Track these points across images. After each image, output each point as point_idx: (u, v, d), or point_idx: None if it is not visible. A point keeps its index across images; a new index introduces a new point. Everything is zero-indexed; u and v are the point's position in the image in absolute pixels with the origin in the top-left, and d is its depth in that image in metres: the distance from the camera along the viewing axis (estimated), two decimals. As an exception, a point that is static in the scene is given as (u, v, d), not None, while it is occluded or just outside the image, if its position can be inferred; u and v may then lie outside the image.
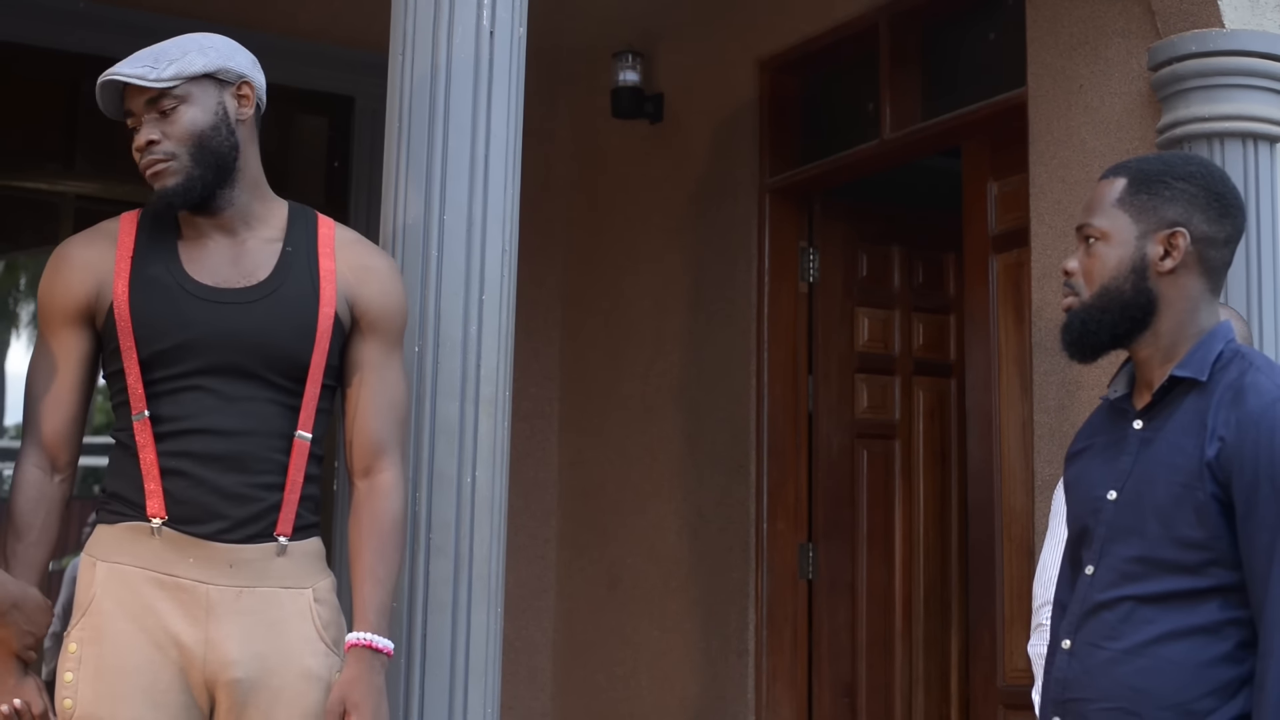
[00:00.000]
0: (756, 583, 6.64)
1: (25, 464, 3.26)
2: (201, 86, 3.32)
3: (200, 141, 3.30)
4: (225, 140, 3.34)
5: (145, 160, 3.30)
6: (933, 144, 6.35)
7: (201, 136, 3.30)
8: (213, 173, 3.32)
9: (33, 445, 3.27)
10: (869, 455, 6.88)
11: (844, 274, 6.92)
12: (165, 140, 3.29)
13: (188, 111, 3.30)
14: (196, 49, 3.33)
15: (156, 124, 3.30)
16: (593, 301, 7.77)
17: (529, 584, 7.61)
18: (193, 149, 3.30)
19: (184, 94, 3.30)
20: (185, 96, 3.30)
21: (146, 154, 3.29)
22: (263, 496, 3.25)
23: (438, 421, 3.63)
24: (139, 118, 3.31)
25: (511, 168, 3.77)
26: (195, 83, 3.31)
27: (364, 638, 3.27)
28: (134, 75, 3.26)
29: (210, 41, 3.37)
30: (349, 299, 3.39)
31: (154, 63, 3.28)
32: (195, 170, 3.29)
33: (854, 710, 6.72)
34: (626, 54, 7.33)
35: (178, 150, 3.29)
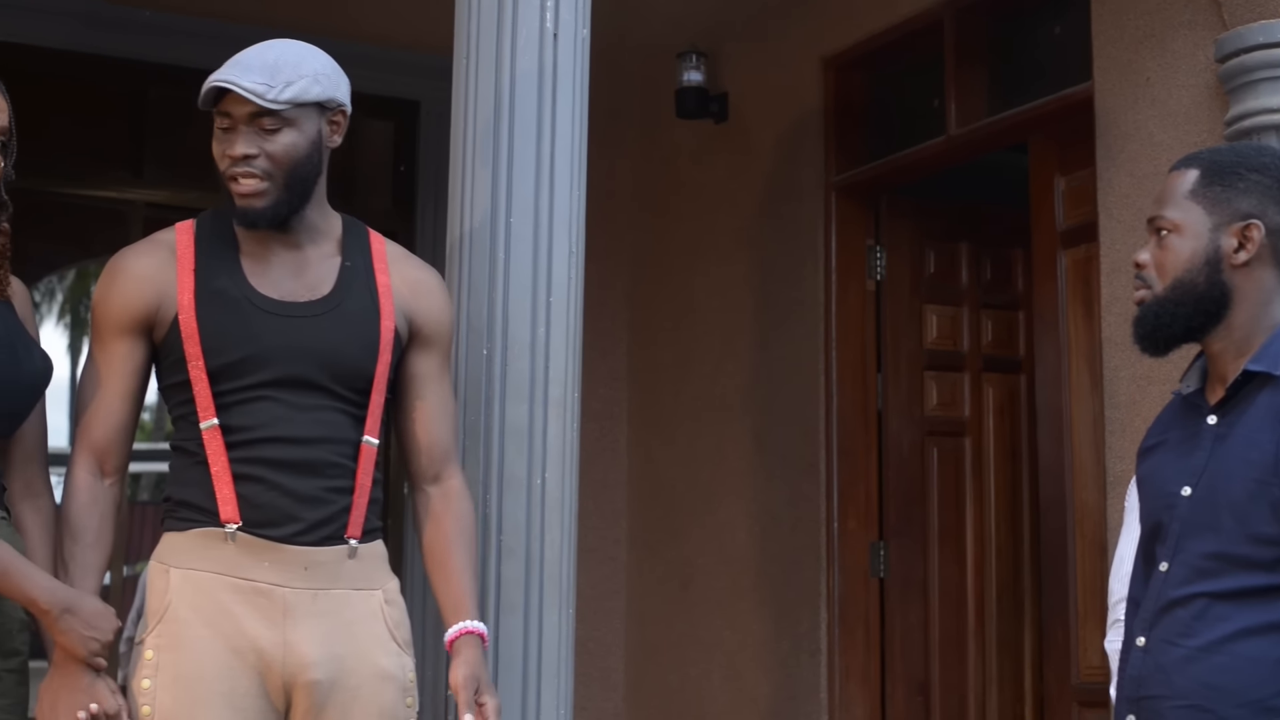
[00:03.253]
0: (828, 582, 6.62)
1: (77, 470, 3.28)
2: (307, 112, 3.31)
3: (294, 167, 3.30)
4: (315, 166, 3.35)
5: (237, 171, 3.28)
6: (999, 140, 6.32)
7: (297, 162, 3.30)
8: (298, 197, 3.33)
9: (84, 451, 3.29)
10: (939, 453, 6.85)
11: (911, 271, 6.89)
12: (262, 158, 3.27)
13: (290, 135, 3.29)
14: (312, 75, 3.31)
15: (255, 139, 3.28)
16: (660, 302, 7.76)
17: (600, 585, 7.61)
18: (286, 173, 3.30)
19: (292, 117, 3.28)
20: (292, 120, 3.29)
21: (239, 165, 3.27)
22: (334, 500, 3.27)
23: (507, 424, 3.64)
24: (236, 124, 3.28)
25: (577, 169, 3.77)
26: (303, 108, 3.30)
27: (476, 626, 3.35)
28: (252, 91, 3.23)
29: (322, 66, 3.35)
30: (406, 313, 3.42)
31: (271, 79, 3.25)
32: (284, 195, 3.30)
33: (928, 708, 6.69)
34: (690, 54, 7.33)
35: (273, 171, 3.28)
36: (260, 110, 3.25)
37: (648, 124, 7.85)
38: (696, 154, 7.57)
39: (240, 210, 3.30)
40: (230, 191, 3.31)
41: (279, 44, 3.35)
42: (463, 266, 3.73)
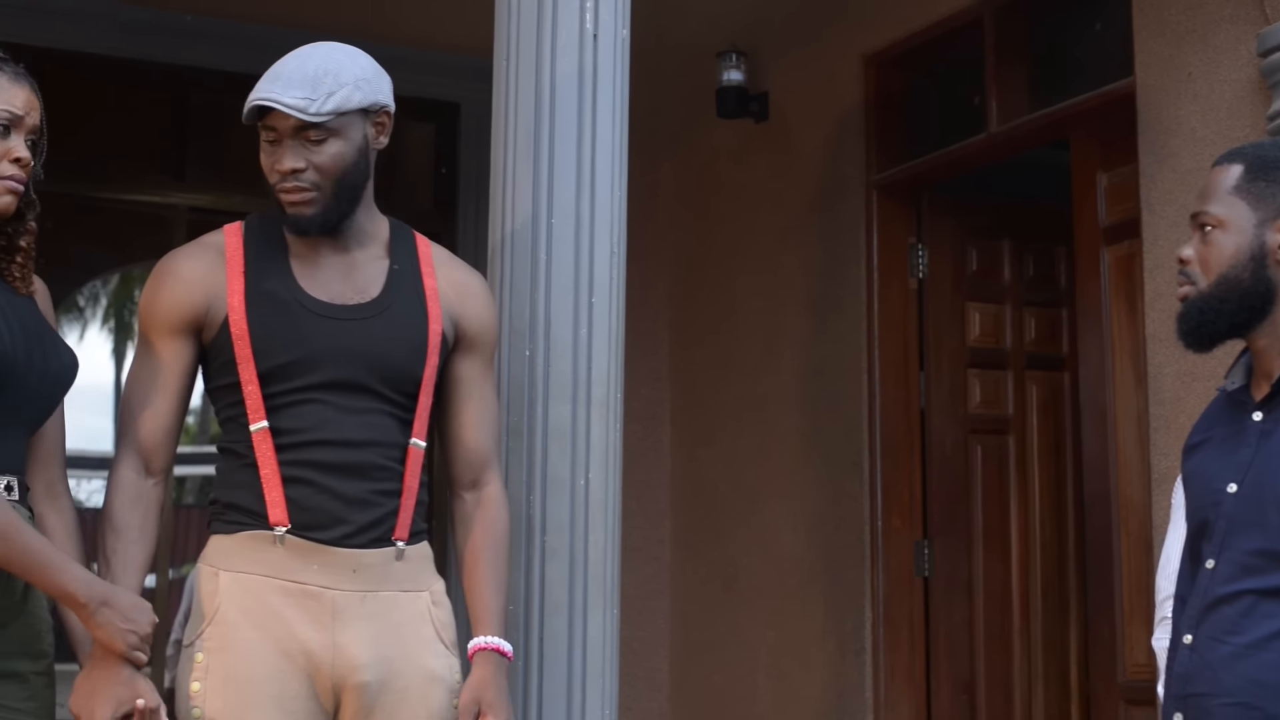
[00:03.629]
0: (872, 581, 6.62)
1: (121, 468, 3.28)
2: (351, 120, 3.31)
3: (342, 175, 3.30)
4: (363, 171, 3.35)
5: (286, 186, 3.28)
6: (1040, 136, 6.31)
7: (345, 170, 3.30)
8: (347, 204, 3.34)
9: (129, 451, 3.29)
10: (983, 450, 6.84)
11: (954, 269, 6.88)
12: (310, 170, 3.28)
13: (336, 145, 3.29)
14: (353, 82, 3.30)
15: (302, 151, 3.28)
16: (702, 302, 7.76)
17: (644, 585, 7.62)
18: (335, 182, 3.30)
19: (336, 127, 3.28)
20: (337, 130, 3.28)
21: (289, 180, 3.28)
22: (382, 502, 3.28)
23: (550, 424, 3.64)
24: (282, 139, 3.28)
25: (618, 170, 3.77)
26: (347, 116, 3.30)
27: (490, 642, 3.34)
28: (294, 107, 3.23)
29: (362, 70, 3.34)
30: (452, 316, 3.43)
31: (313, 91, 3.25)
32: (333, 203, 3.30)
33: (973, 707, 6.68)
34: (730, 53, 7.32)
35: (321, 182, 3.29)
36: (304, 124, 3.25)
37: (688, 124, 7.85)
38: (737, 153, 7.57)
39: (291, 219, 3.31)
40: (280, 201, 3.32)
41: (318, 52, 3.35)
42: (504, 268, 3.73)
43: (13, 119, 3.07)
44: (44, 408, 3.15)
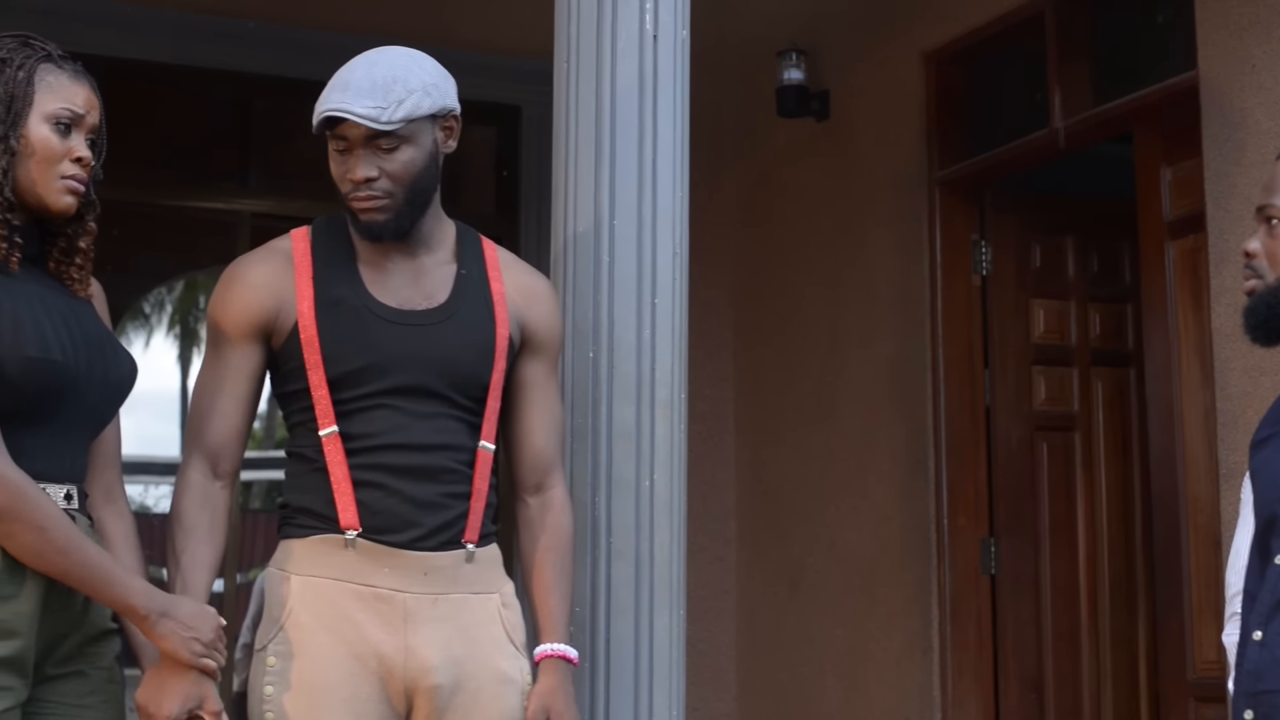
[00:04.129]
0: (939, 579, 6.60)
1: (190, 471, 3.29)
2: (421, 126, 3.31)
3: (414, 182, 3.31)
4: (433, 176, 3.36)
5: (360, 194, 3.29)
6: (1103, 131, 6.28)
7: (416, 177, 3.31)
8: (418, 209, 3.35)
9: (198, 454, 3.31)
10: (1049, 448, 6.81)
11: (1017, 266, 6.85)
12: (382, 178, 3.28)
13: (408, 151, 3.30)
14: (421, 88, 3.30)
15: (374, 160, 3.28)
16: (765, 301, 7.75)
17: (710, 585, 7.61)
18: (407, 189, 3.31)
19: (407, 134, 3.29)
20: (408, 136, 3.29)
21: (362, 189, 3.28)
22: (452, 505, 3.29)
23: (614, 426, 3.65)
24: (353, 148, 3.29)
25: (679, 170, 3.77)
26: (417, 122, 3.30)
27: (557, 649, 3.36)
28: (366, 116, 3.23)
29: (430, 75, 3.34)
30: (519, 320, 3.43)
31: (384, 100, 3.25)
32: (405, 209, 3.31)
33: (1041, 705, 6.65)
34: (790, 52, 7.31)
35: (394, 190, 3.29)
36: (376, 132, 3.26)
37: (749, 123, 7.84)
38: (798, 153, 7.55)
39: (364, 226, 3.32)
40: (351, 209, 3.33)
41: (384, 58, 3.34)
42: (567, 270, 3.73)
43: (74, 118, 3.07)
44: (104, 415, 3.16)
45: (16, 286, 2.98)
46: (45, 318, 2.98)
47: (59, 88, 3.07)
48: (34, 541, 2.86)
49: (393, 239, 3.34)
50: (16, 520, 2.84)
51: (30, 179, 3.03)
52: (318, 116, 3.28)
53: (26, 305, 2.97)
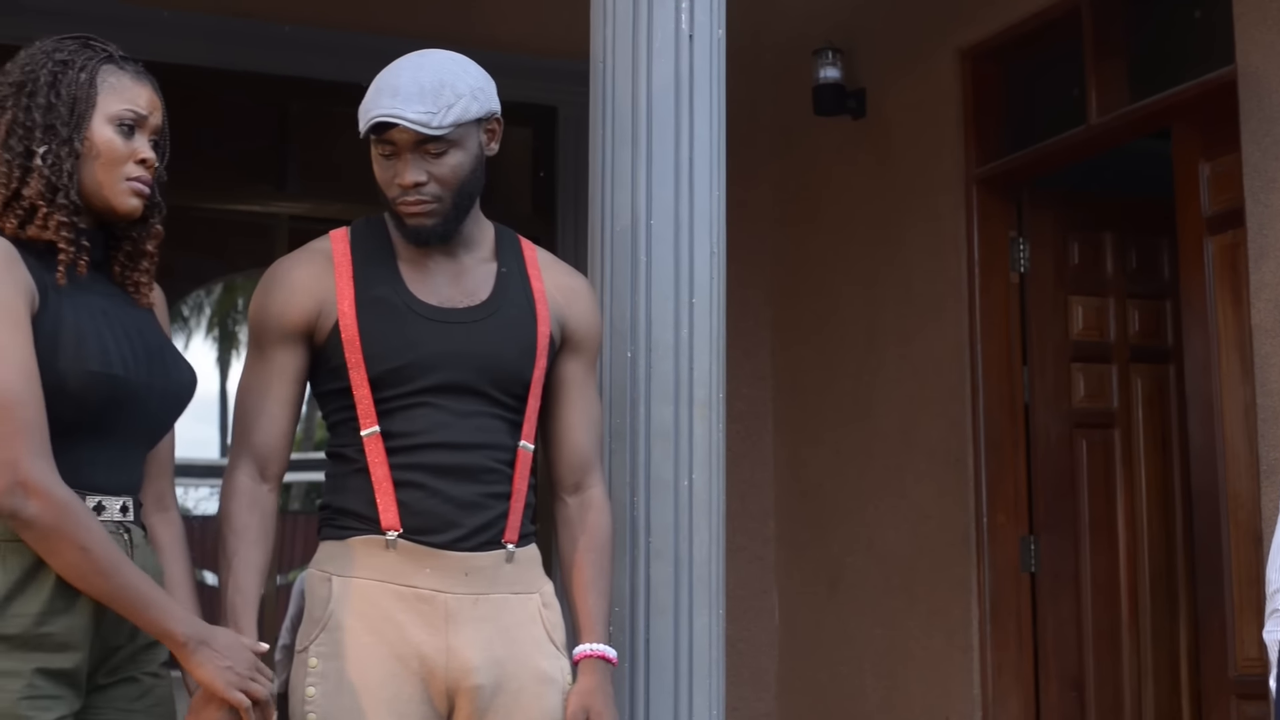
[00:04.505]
0: (978, 577, 6.58)
1: (237, 474, 3.30)
2: (468, 130, 3.32)
3: (461, 185, 3.33)
4: (479, 179, 3.38)
5: (408, 199, 3.30)
6: (1141, 127, 6.26)
7: (464, 180, 3.33)
8: (465, 211, 3.36)
9: (244, 457, 3.31)
10: (1088, 445, 6.79)
11: (1055, 262, 6.83)
12: (431, 182, 3.29)
13: (456, 156, 3.31)
14: (469, 93, 3.31)
15: (422, 164, 3.29)
16: (802, 300, 7.75)
17: (749, 585, 7.61)
18: (455, 192, 3.32)
19: (456, 138, 3.30)
20: (456, 141, 3.30)
21: (411, 193, 3.29)
22: (493, 505, 3.29)
23: (653, 426, 3.65)
24: (401, 153, 3.30)
25: (716, 170, 3.77)
26: (464, 126, 3.31)
27: (596, 649, 3.35)
28: (417, 122, 3.23)
29: (476, 79, 3.35)
30: (559, 319, 3.43)
31: (434, 105, 3.25)
32: (453, 212, 3.33)
33: (1082, 703, 6.63)
34: (826, 50, 7.31)
35: (442, 194, 3.31)
36: (425, 137, 3.27)
37: (785, 122, 7.84)
38: (835, 151, 7.55)
39: (412, 230, 3.33)
40: (398, 213, 3.34)
41: (429, 62, 3.35)
42: (605, 270, 3.74)
43: (137, 119, 3.05)
44: (163, 426, 3.15)
45: (79, 297, 2.96)
46: (107, 329, 2.96)
47: (121, 89, 3.05)
48: (77, 561, 2.83)
49: (439, 243, 3.35)
50: (61, 539, 2.82)
51: (95, 181, 3.00)
52: (367, 121, 3.28)
53: (89, 317, 2.94)
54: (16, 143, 2.96)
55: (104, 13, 6.84)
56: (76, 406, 2.90)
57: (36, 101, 2.97)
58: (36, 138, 2.96)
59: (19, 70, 3.01)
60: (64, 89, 2.99)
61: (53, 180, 2.95)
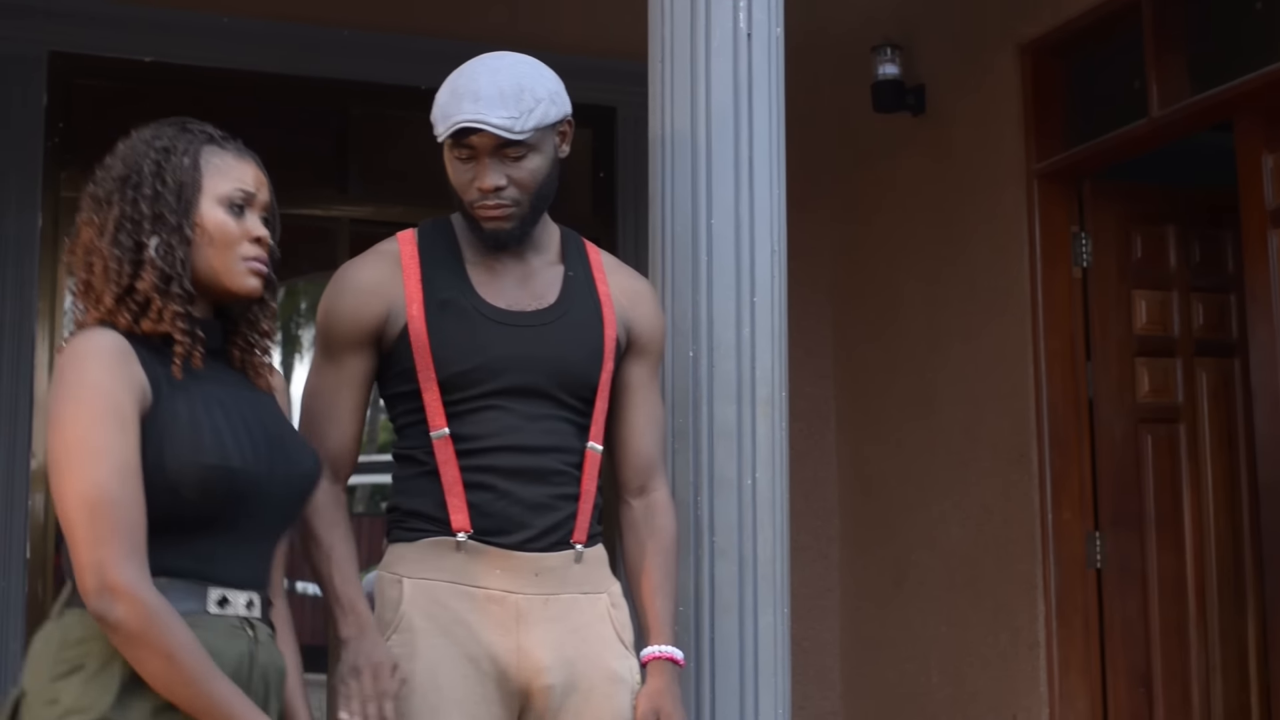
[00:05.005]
0: (1044, 574, 6.55)
1: None
2: (545, 133, 3.35)
3: (539, 188, 3.36)
4: (554, 181, 3.41)
5: (488, 202, 3.32)
6: (1203, 119, 6.22)
7: (541, 184, 3.36)
8: (540, 214, 3.40)
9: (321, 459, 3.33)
10: (1153, 440, 6.75)
11: (1118, 257, 6.80)
12: (511, 186, 3.32)
13: (534, 159, 3.34)
14: (548, 97, 3.33)
15: (501, 168, 3.31)
16: (864, 297, 7.74)
17: (814, 583, 7.60)
18: (533, 196, 3.35)
19: (534, 142, 3.32)
20: (535, 145, 3.33)
21: (491, 197, 3.31)
22: (562, 506, 3.31)
23: (715, 425, 3.65)
24: (480, 156, 3.32)
25: (776, 168, 3.77)
26: (542, 130, 3.34)
27: (665, 650, 3.37)
28: (501, 127, 3.26)
29: (551, 83, 3.38)
30: (624, 321, 3.44)
31: (515, 109, 3.27)
32: (530, 215, 3.36)
33: (1150, 700, 6.60)
34: (885, 47, 7.30)
35: (520, 197, 3.33)
36: (506, 141, 3.29)
37: (845, 119, 7.83)
38: (895, 147, 7.53)
39: (490, 234, 3.35)
40: (476, 216, 3.35)
41: (505, 65, 3.36)
42: (666, 270, 3.74)
43: (246, 197, 2.99)
44: (288, 517, 3.06)
45: (196, 388, 2.89)
46: (224, 420, 2.89)
47: (226, 169, 3.00)
48: (162, 669, 2.72)
49: (515, 246, 3.37)
50: (146, 645, 2.71)
51: (210, 267, 2.94)
52: (450, 126, 3.29)
53: (205, 409, 2.87)
54: (126, 237, 2.89)
55: (163, 19, 6.88)
56: (196, 501, 2.82)
57: (143, 192, 2.91)
58: (146, 229, 2.90)
59: (120, 164, 2.96)
60: (169, 176, 2.93)
61: (165, 270, 2.88)
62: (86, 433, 2.74)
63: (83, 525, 2.71)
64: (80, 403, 2.76)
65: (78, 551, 2.71)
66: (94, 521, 2.70)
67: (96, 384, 2.77)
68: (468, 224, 3.38)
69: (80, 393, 2.77)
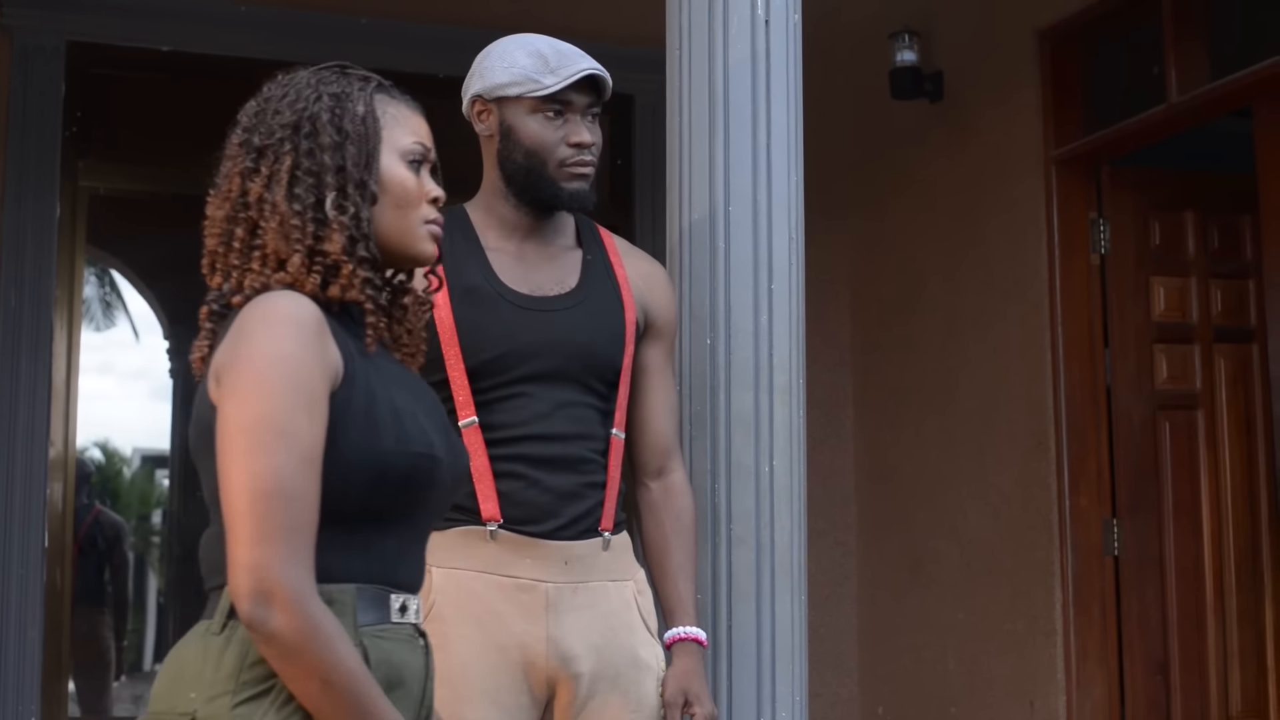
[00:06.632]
0: (1061, 561, 6.55)
1: None
2: None
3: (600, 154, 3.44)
4: None
5: (583, 159, 3.38)
6: (1222, 105, 6.21)
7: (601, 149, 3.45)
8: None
9: None
10: (1171, 427, 6.74)
11: (1136, 243, 6.78)
12: (595, 145, 3.40)
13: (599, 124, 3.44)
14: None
15: (589, 128, 3.39)
16: (881, 284, 7.73)
17: (831, 571, 7.60)
18: (599, 158, 3.43)
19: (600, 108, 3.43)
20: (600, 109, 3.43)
21: (582, 153, 3.38)
22: (590, 494, 3.33)
23: (733, 412, 3.65)
24: (573, 115, 3.38)
25: (794, 155, 3.76)
26: None
27: (690, 632, 3.39)
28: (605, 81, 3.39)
29: None
30: (642, 305, 3.47)
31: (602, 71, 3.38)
32: (594, 180, 3.42)
33: (1168, 687, 6.59)
34: (903, 34, 7.28)
35: (596, 159, 3.42)
36: (596, 100, 3.38)
37: (862, 106, 7.82)
38: (913, 134, 7.52)
39: (572, 194, 3.38)
40: (558, 176, 3.38)
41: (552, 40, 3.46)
42: (683, 257, 3.74)
43: (424, 152, 2.66)
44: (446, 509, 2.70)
45: (377, 366, 2.56)
46: (415, 403, 2.57)
47: (403, 119, 2.66)
48: (314, 694, 2.34)
49: (592, 208, 3.44)
50: (302, 664, 2.32)
51: (392, 228, 2.60)
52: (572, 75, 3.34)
53: (395, 391, 2.55)
54: (304, 191, 2.52)
55: (180, 9, 6.89)
56: (395, 494, 2.50)
57: (319, 141, 2.55)
58: (328, 183, 2.54)
59: (288, 109, 2.59)
60: (348, 124, 2.58)
61: (352, 231, 2.52)
62: (271, 412, 2.36)
63: (249, 517, 2.32)
64: (268, 377, 2.38)
65: (237, 546, 2.32)
66: (264, 515, 2.32)
67: (289, 358, 2.39)
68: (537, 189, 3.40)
69: (270, 366, 2.39)
